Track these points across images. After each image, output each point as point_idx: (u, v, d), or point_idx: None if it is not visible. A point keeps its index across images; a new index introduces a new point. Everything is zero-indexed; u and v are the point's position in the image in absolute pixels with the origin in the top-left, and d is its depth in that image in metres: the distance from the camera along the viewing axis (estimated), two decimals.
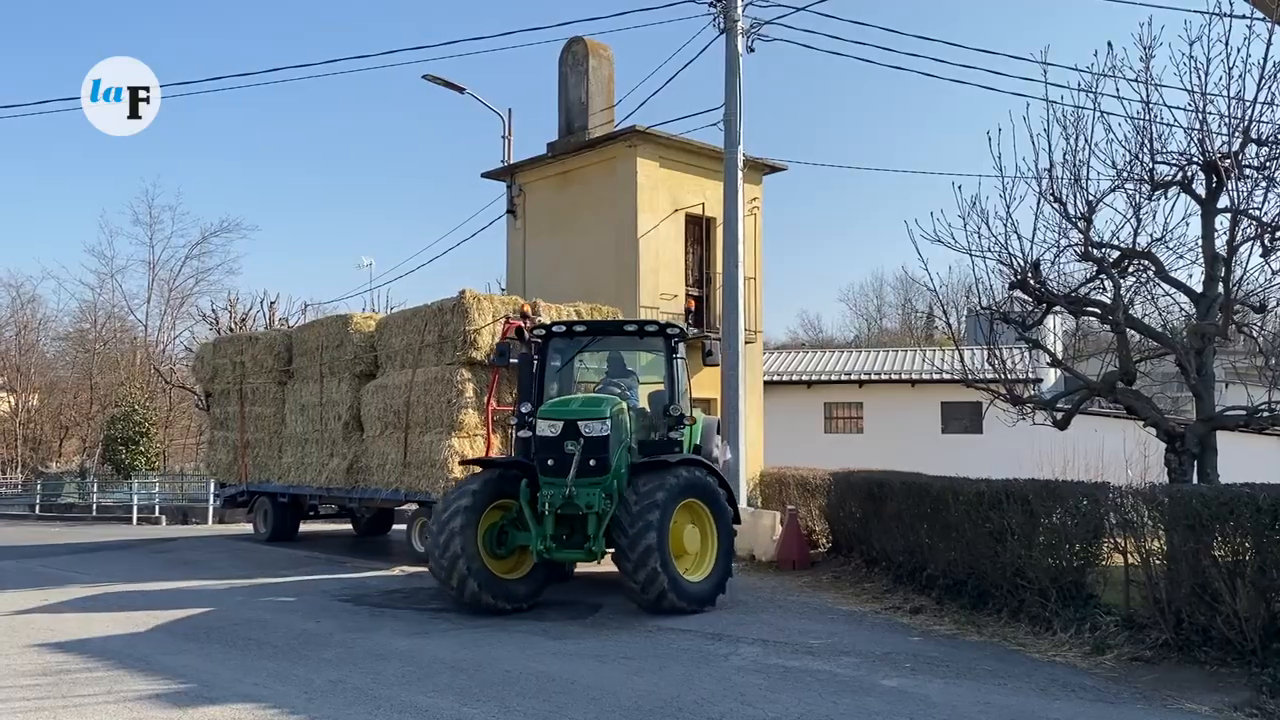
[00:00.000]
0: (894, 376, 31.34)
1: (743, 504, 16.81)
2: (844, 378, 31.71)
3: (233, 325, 35.04)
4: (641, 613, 10.83)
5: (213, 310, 39.69)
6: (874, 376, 31.50)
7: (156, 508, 30.04)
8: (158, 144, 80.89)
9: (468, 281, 14.21)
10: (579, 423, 10.75)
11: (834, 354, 35.69)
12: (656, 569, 10.21)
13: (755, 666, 8.31)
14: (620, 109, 20.57)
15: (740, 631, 9.86)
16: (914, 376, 30.93)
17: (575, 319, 13.12)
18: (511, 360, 13.15)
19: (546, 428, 10.91)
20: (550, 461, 10.77)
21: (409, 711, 6.77)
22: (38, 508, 33.44)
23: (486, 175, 22.63)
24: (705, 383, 18.81)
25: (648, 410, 12.42)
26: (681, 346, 12.38)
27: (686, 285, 19.70)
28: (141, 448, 38.51)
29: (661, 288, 18.80)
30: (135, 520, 28.49)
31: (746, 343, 17.81)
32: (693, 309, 19.80)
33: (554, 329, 12.47)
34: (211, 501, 27.63)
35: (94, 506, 31.54)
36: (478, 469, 11.81)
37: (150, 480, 33.82)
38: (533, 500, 10.79)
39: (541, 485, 10.79)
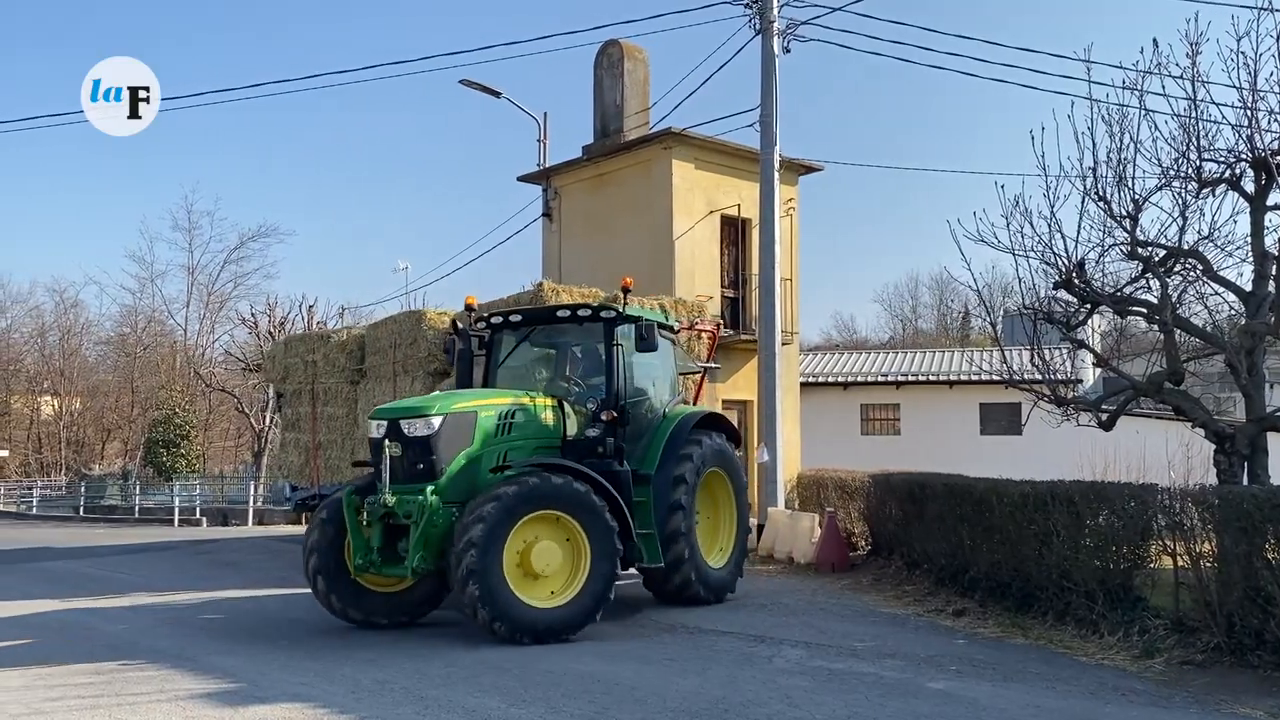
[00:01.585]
0: (932, 378, 31.13)
1: (780, 505, 16.78)
2: (881, 379, 31.56)
3: (271, 329, 35.41)
4: (683, 615, 10.83)
5: (251, 314, 40.13)
6: (911, 378, 31.31)
7: (197, 509, 30.45)
8: (196, 149, 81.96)
9: (503, 285, 14.37)
10: (400, 422, 9.67)
11: (870, 355, 35.49)
12: (476, 593, 8.83)
13: (799, 668, 8.27)
14: (655, 111, 20.58)
15: (782, 633, 9.83)
16: (952, 377, 30.70)
17: (513, 308, 12.07)
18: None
19: (374, 428, 9.92)
20: (380, 466, 9.72)
21: (456, 711, 6.80)
22: (81, 509, 34.01)
23: (522, 179, 22.71)
24: (742, 384, 18.81)
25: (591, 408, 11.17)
26: (624, 332, 10.92)
27: (722, 286, 19.65)
28: (182, 450, 39.01)
29: (697, 289, 18.75)
30: (176, 522, 28.89)
31: (783, 344, 17.76)
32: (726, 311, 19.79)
33: (492, 320, 11.69)
34: (251, 503, 27.95)
35: (136, 508, 32.03)
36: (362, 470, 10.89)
37: (191, 482, 34.28)
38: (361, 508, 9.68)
39: (378, 492, 9.57)
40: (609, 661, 8.52)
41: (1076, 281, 10.62)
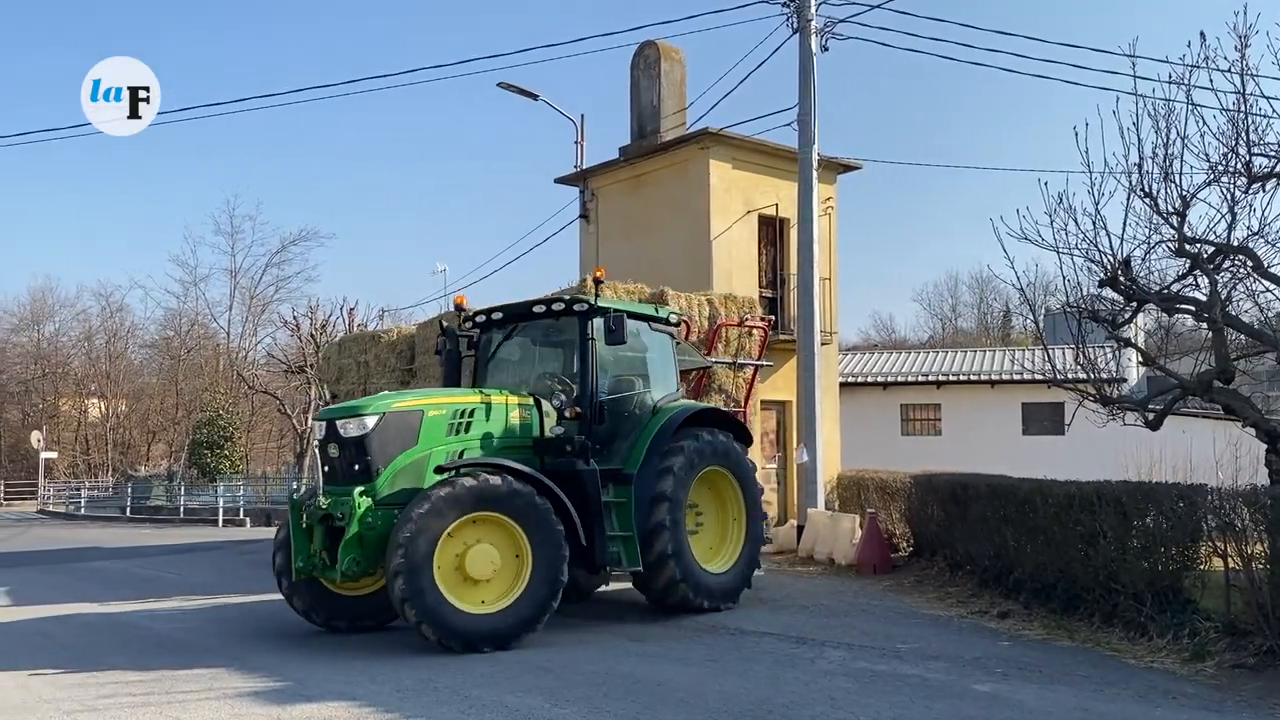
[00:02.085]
0: (973, 377, 30.82)
1: (820, 506, 16.69)
2: (921, 379, 31.30)
3: (313, 332, 35.77)
4: (725, 616, 10.81)
5: (293, 317, 40.56)
6: (952, 377, 31.02)
7: (241, 510, 30.81)
8: (237, 154, 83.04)
9: (540, 287, 14.24)
10: (336, 423, 9.46)
11: (910, 355, 35.21)
12: (402, 595, 8.52)
13: (843, 670, 8.23)
14: (692, 111, 20.56)
15: (824, 635, 9.77)
16: (994, 377, 30.39)
17: (495, 306, 11.72)
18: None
19: (317, 430, 9.85)
20: (325, 468, 9.72)
21: (500, 710, 6.84)
22: (128, 510, 34.56)
23: (560, 180, 22.77)
24: (781, 385, 18.74)
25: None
26: (597, 325, 10.36)
27: (760, 286, 19.59)
28: (225, 451, 39.52)
29: (735, 289, 18.70)
30: (220, 522, 29.26)
31: (822, 344, 17.66)
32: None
33: (478, 319, 11.49)
34: None
35: (181, 509, 32.48)
36: None
37: (234, 483, 34.68)
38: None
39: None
40: (651, 662, 8.52)
41: (1122, 279, 10.47)
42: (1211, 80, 9.69)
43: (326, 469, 9.65)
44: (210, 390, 43.68)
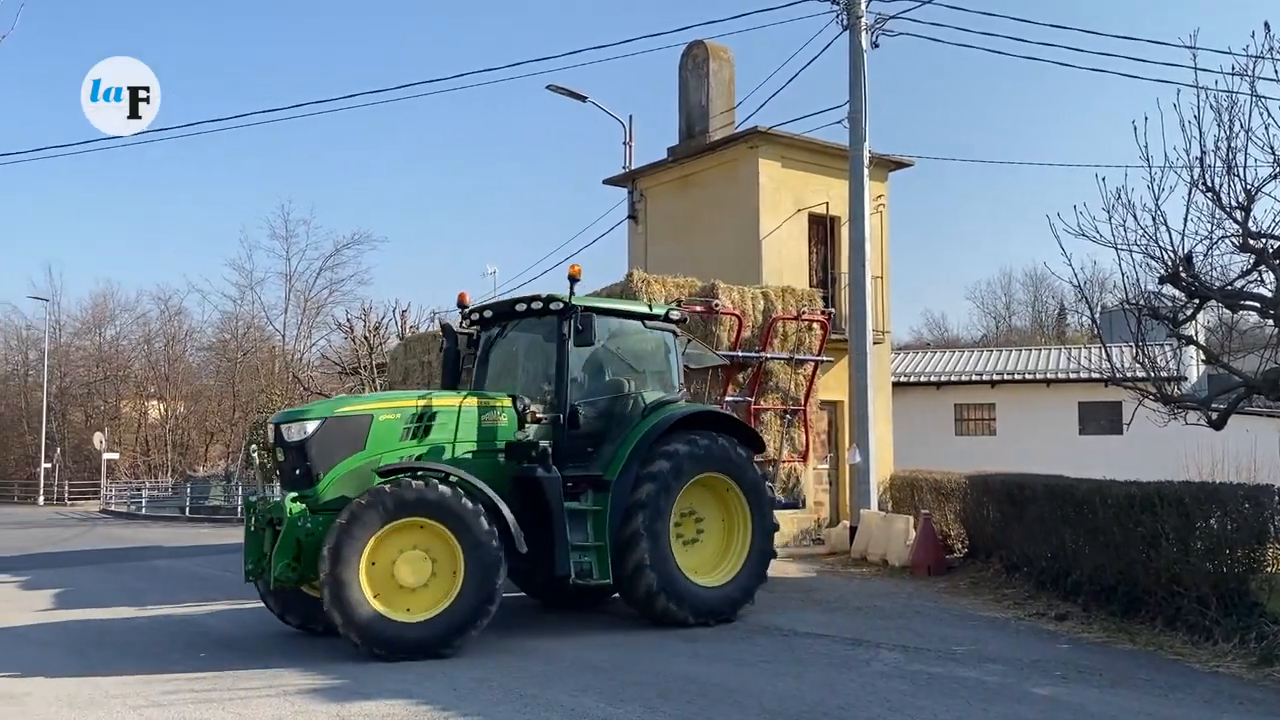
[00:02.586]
0: (1028, 376, 30.38)
1: (873, 507, 16.55)
2: (975, 378, 30.90)
3: (367, 334, 36.17)
4: (777, 617, 10.76)
5: (347, 319, 41.03)
6: (1007, 376, 30.60)
7: None
8: (291, 158, 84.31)
9: (589, 288, 14.24)
10: (281, 427, 9.34)
11: (963, 354, 34.80)
12: (330, 602, 8.37)
13: (898, 672, 8.15)
14: (741, 110, 20.50)
15: (879, 637, 9.69)
16: (1049, 376, 29.94)
17: (486, 304, 11.32)
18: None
19: (270, 433, 9.75)
20: (277, 471, 9.62)
21: (555, 710, 6.87)
22: (187, 509, 35.20)
23: (608, 181, 22.82)
24: (833, 384, 18.60)
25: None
26: (570, 324, 9.84)
27: (811, 285, 19.45)
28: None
29: None
30: None
31: (874, 343, 17.53)
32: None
33: (473, 316, 11.18)
34: None
35: (239, 508, 32.96)
36: None
37: None
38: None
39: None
40: (704, 663, 8.51)
41: (1184, 275, 10.24)
42: (1277, 71, 9.44)
43: (279, 472, 9.63)
44: (266, 392, 44.32)
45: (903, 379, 30.13)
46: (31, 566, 17.25)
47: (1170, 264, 10.22)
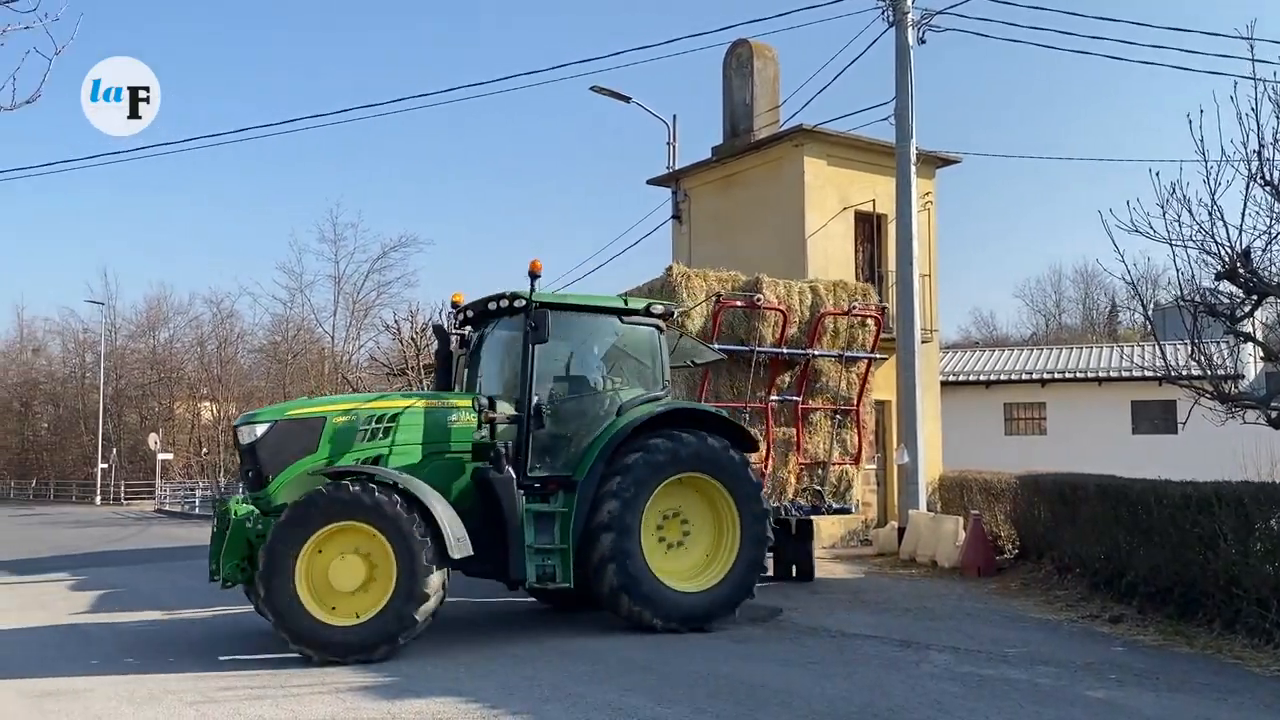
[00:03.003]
0: (1079, 375, 29.94)
1: (922, 508, 16.41)
2: (1025, 377, 30.51)
3: (414, 335, 36.47)
4: (825, 618, 10.70)
5: (394, 321, 41.40)
6: (1058, 375, 30.18)
7: None
8: (341, 160, 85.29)
9: (632, 288, 14.20)
10: (238, 429, 9.44)
11: (1012, 352, 34.39)
12: (264, 604, 8.47)
13: (948, 674, 8.07)
14: (786, 109, 20.41)
15: (929, 638, 9.60)
16: (1101, 374, 29.47)
17: (470, 303, 11.01)
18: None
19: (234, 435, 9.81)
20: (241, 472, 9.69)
21: (603, 709, 6.88)
22: None
23: (652, 181, 22.84)
24: (880, 384, 18.45)
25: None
26: (538, 321, 9.52)
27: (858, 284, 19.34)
28: None
29: None
30: None
31: (922, 342, 17.38)
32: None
33: (460, 317, 10.94)
34: None
35: None
36: None
37: None
38: None
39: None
40: (752, 663, 8.49)
41: (1241, 271, 10.03)
42: None
43: (242, 473, 9.65)
44: (316, 393, 44.86)
45: (951, 378, 29.83)
46: (89, 565, 17.64)
47: (1227, 259, 10.02)
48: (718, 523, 10.29)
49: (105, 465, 48.43)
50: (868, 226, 19.67)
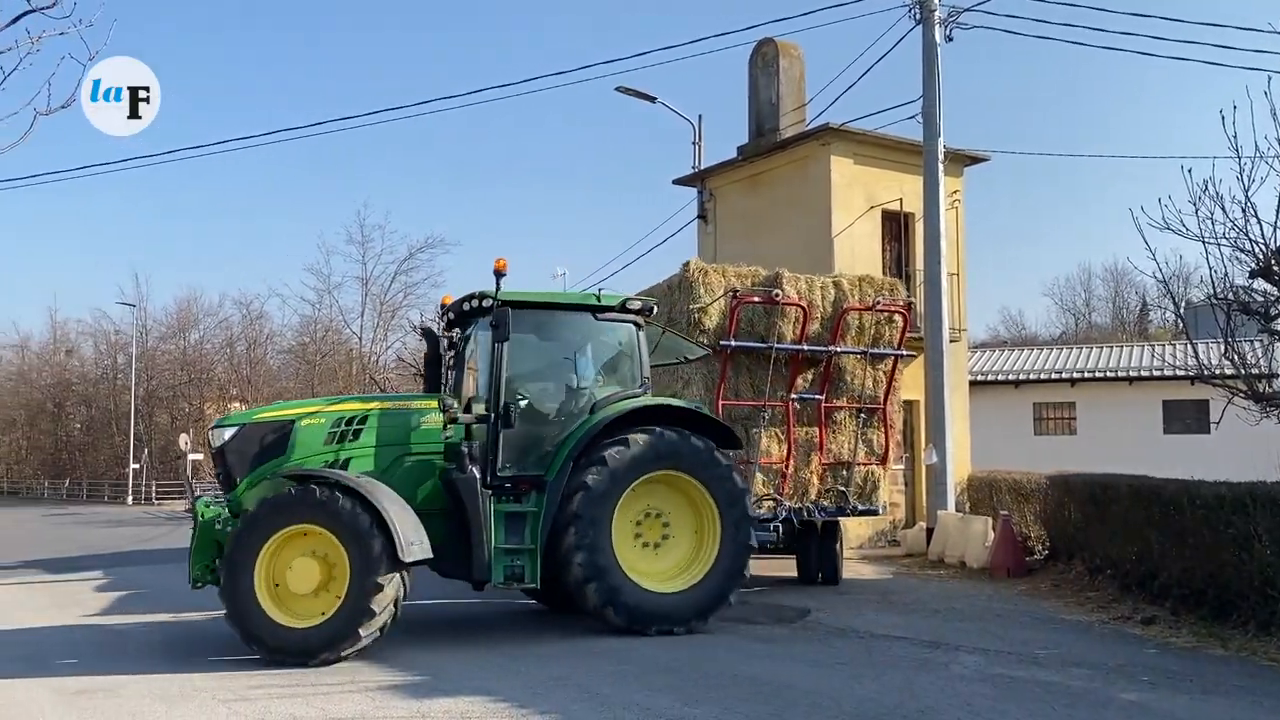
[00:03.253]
0: (1110, 374, 29.65)
1: (950, 508, 16.30)
2: (1055, 376, 30.26)
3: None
4: (854, 619, 10.65)
5: (422, 321, 41.59)
6: (1088, 374, 29.90)
7: None
8: (369, 163, 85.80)
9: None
10: (209, 432, 9.59)
11: (1042, 351, 34.09)
12: (224, 606, 8.56)
13: (979, 675, 8.01)
14: (812, 108, 20.35)
15: (958, 639, 9.53)
16: (1132, 374, 29.18)
17: (449, 305, 10.89)
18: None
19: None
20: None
21: (631, 709, 6.88)
22: None
23: (677, 181, 22.81)
24: (908, 383, 18.35)
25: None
26: (498, 320, 9.38)
27: None
28: None
29: None
30: None
31: (951, 341, 17.26)
32: None
33: (449, 316, 10.84)
34: None
35: None
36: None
37: None
38: None
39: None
40: (780, 664, 8.46)
41: (1276, 269, 9.89)
42: None
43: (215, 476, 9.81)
44: (344, 394, 45.17)
45: (980, 378, 29.61)
46: (121, 564, 17.80)
47: (1261, 257, 9.89)
48: (699, 526, 9.97)
49: (137, 465, 48.94)
50: (895, 225, 19.56)
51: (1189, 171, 10.11)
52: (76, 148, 75.46)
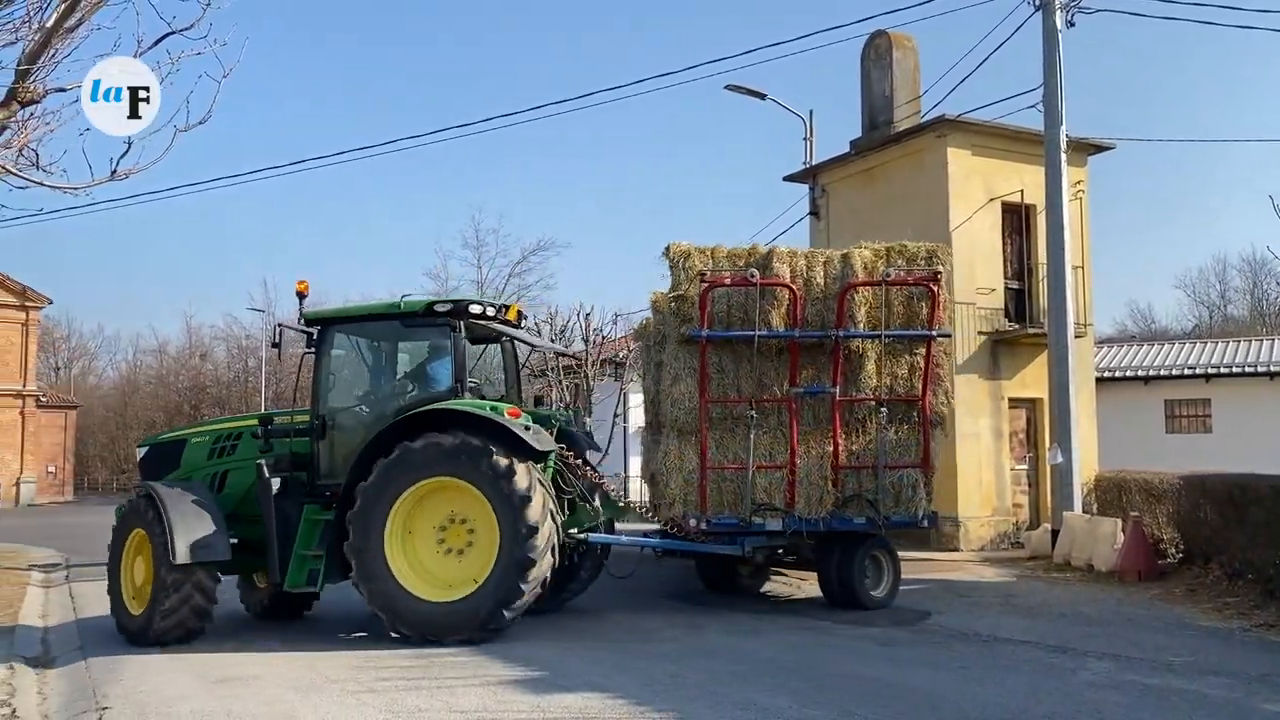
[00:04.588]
0: (1247, 369, 28.22)
1: (1077, 510, 15.77)
2: (1188, 372, 28.93)
3: (553, 337, 37.15)
4: (976, 622, 10.42)
5: (534, 323, 42.19)
6: (1223, 370, 28.51)
7: None
8: (484, 171, 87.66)
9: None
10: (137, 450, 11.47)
11: (1173, 346, 32.63)
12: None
13: (1108, 682, 7.74)
14: (926, 100, 19.87)
15: (1085, 645, 9.23)
16: (1273, 369, 27.72)
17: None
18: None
19: None
20: None
21: (749, 709, 6.87)
22: None
23: (788, 178, 22.59)
24: (1031, 381, 17.86)
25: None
26: (327, 337, 10.50)
27: (1005, 278, 18.70)
28: None
29: (977, 282, 17.96)
30: None
31: (1076, 336, 16.70)
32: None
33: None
34: None
35: None
36: None
37: None
38: None
39: None
40: (899, 667, 8.33)
41: None
42: None
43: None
44: None
45: (1107, 374, 28.50)
46: None
47: None
48: (482, 527, 9.50)
49: None
50: (1015, 218, 18.99)
51: None
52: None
